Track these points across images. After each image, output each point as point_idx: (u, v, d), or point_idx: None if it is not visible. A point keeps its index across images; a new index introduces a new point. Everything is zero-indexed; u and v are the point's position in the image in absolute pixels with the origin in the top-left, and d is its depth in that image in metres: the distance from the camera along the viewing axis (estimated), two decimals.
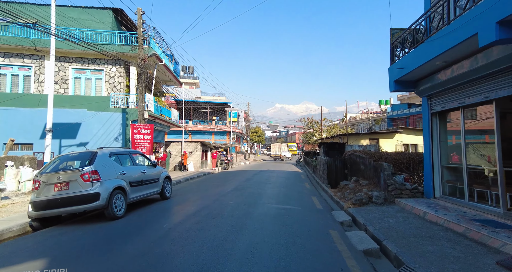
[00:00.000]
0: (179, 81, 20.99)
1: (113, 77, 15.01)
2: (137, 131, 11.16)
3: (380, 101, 62.26)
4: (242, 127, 45.47)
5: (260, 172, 19.36)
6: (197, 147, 22.16)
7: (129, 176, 6.74)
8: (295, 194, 10.05)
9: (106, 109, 14.37)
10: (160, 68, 17.01)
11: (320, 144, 16.76)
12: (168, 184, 8.91)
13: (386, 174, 7.31)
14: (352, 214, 6.46)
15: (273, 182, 13.40)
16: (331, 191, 10.37)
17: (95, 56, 14.58)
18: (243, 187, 11.24)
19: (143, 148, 11.17)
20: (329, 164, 12.55)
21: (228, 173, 19.63)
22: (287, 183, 13.49)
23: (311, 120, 31.37)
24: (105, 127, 14.43)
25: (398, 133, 17.54)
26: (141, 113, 11.29)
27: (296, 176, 17.29)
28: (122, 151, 7.16)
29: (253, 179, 14.35)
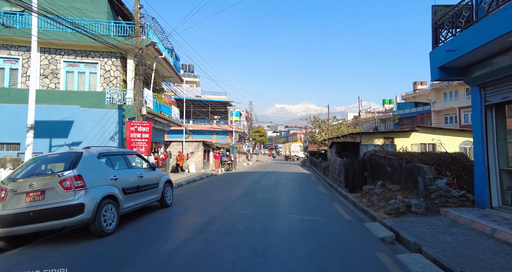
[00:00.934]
0: (180, 77, 19.83)
1: (108, 71, 13.85)
2: (134, 130, 10.00)
3: (384, 101, 61.21)
4: (244, 127, 44.32)
5: (266, 173, 18.19)
6: (199, 147, 21.00)
7: (122, 181, 5.58)
8: (313, 200, 8.89)
9: (101, 106, 13.21)
10: (159, 62, 15.84)
11: (332, 143, 15.61)
12: (169, 189, 7.74)
13: (428, 178, 6.15)
14: (393, 228, 5.30)
15: (284, 185, 12.24)
16: (352, 196, 9.22)
17: (89, 48, 13.42)
18: (253, 191, 10.08)
19: (140, 148, 10.01)
20: (346, 166, 11.41)
21: (232, 174, 18.46)
22: (299, 186, 12.34)
23: (318, 119, 30.18)
24: (100, 125, 13.27)
25: (414, 132, 16.39)
26: (139, 109, 10.13)
27: (306, 178, 16.13)
28: (114, 151, 5.99)
29: (261, 182, 13.19)
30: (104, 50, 13.55)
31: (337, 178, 12.46)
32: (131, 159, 6.71)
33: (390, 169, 8.70)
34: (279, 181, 13.91)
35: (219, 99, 40.32)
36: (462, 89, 31.39)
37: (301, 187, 12.16)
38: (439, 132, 16.47)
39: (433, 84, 34.19)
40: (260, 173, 18.95)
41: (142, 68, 10.03)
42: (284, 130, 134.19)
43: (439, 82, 33.42)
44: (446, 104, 32.27)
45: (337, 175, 12.61)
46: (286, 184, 12.78)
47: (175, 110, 19.58)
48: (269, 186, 11.81)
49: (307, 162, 27.86)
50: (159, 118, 15.62)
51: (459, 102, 30.57)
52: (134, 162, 6.85)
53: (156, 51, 14.14)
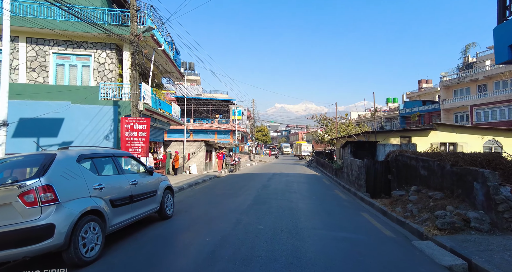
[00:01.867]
0: (181, 73, 18.62)
1: (103, 64, 12.65)
2: (129, 127, 8.81)
3: (388, 99, 60.08)
4: (246, 126, 43.11)
5: (273, 175, 16.99)
6: (201, 147, 19.81)
7: (110, 191, 4.39)
8: (336, 208, 7.69)
9: (94, 102, 12.01)
10: (159, 55, 14.64)
11: (346, 143, 14.42)
12: (170, 197, 6.55)
13: (492, 186, 4.95)
14: (456, 251, 4.11)
15: (297, 189, 11.05)
16: (380, 203, 8.03)
17: (81, 39, 12.21)
18: (265, 197, 8.88)
19: (137, 148, 8.83)
20: (368, 168, 10.21)
21: (237, 176, 17.27)
22: (314, 190, 11.15)
23: (325, 118, 28.91)
24: (94, 123, 12.07)
25: (433, 131, 15.19)
26: (135, 104, 8.93)
27: (318, 181, 14.93)
28: (100, 153, 4.78)
29: (271, 185, 11.99)
30: (98, 41, 12.35)
31: (356, 181, 11.27)
32: (126, 161, 5.52)
33: (425, 172, 7.50)
34: (290, 184, 12.71)
35: (221, 97, 39.13)
36: (474, 86, 30.19)
37: (316, 191, 10.97)
38: (460, 130, 15.28)
39: (442, 81, 32.99)
40: (267, 174, 17.75)
41: (138, 58, 8.84)
42: (285, 130, 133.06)
43: (449, 79, 32.24)
44: (456, 102, 31.05)
45: (355, 178, 11.42)
46: (299, 187, 11.58)
47: (176, 107, 18.38)
48: (281, 190, 10.61)
49: (313, 162, 26.66)
50: (158, 116, 14.43)
51: (471, 100, 29.36)
52: (126, 165, 5.66)
53: (155, 43, 12.93)
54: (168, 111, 16.54)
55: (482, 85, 29.50)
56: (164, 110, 15.87)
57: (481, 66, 30.24)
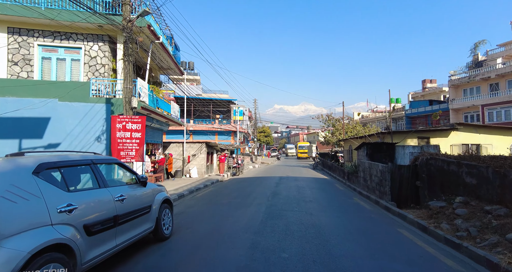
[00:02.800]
0: (180, 70, 17.43)
1: (94, 58, 11.45)
2: (121, 127, 7.59)
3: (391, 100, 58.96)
4: (247, 126, 41.90)
5: (280, 179, 15.76)
6: (202, 149, 18.58)
7: (85, 212, 3.18)
8: (367, 224, 6.47)
9: (84, 100, 10.80)
10: (156, 50, 13.43)
11: (362, 144, 13.22)
12: (168, 212, 5.33)
13: None
14: None
15: (311, 197, 9.83)
16: (414, 216, 6.82)
17: (69, 30, 10.99)
18: (279, 208, 7.66)
19: (130, 151, 7.61)
20: (393, 173, 9.01)
21: (241, 181, 16.04)
22: (331, 198, 9.95)
23: (331, 118, 27.68)
24: (84, 123, 10.85)
25: (454, 131, 14.01)
26: (128, 101, 7.71)
27: (331, 186, 13.71)
28: (73, 160, 3.53)
29: (282, 192, 10.77)
30: (89, 32, 11.16)
31: (377, 187, 10.05)
32: (107, 170, 4.31)
33: (473, 180, 6.30)
34: (302, 190, 11.49)
35: (221, 97, 37.93)
36: (485, 85, 29.07)
37: (333, 199, 9.76)
38: (484, 131, 14.09)
39: (451, 80, 31.87)
40: (273, 178, 16.52)
41: (132, 47, 7.62)
42: (285, 131, 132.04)
43: (459, 78, 31.11)
44: (466, 102, 29.92)
45: (376, 184, 10.21)
46: (313, 195, 10.37)
47: (175, 107, 17.18)
48: (294, 198, 9.38)
49: (319, 164, 25.43)
50: (156, 115, 13.22)
51: (482, 99, 28.25)
52: (111, 175, 4.44)
53: (152, 34, 11.74)
54: (166, 111, 15.34)
55: (494, 84, 28.39)
56: (163, 110, 14.67)
57: (492, 64, 29.13)
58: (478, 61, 32.33)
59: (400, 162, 12.25)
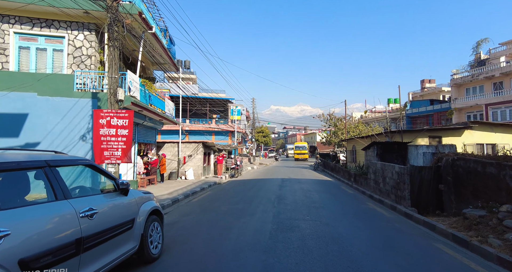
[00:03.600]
0: (175, 65, 16.37)
1: (79, 48, 10.35)
2: (104, 123, 6.53)
3: (389, 100, 58.67)
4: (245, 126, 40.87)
5: (283, 182, 14.75)
6: (198, 149, 17.51)
7: (24, 241, 2.13)
8: (395, 236, 5.48)
9: (68, 94, 9.71)
10: (149, 41, 12.36)
11: (371, 144, 12.29)
12: (157, 226, 4.29)
13: None
14: None
15: (321, 202, 8.84)
16: (445, 225, 5.88)
17: (51, 16, 9.91)
18: (288, 216, 6.66)
19: (115, 151, 6.55)
20: (412, 175, 8.07)
21: (241, 183, 15.00)
22: (343, 204, 8.96)
23: (333, 117, 26.74)
24: (67, 120, 9.75)
25: (468, 130, 13.16)
26: (113, 92, 6.65)
27: (338, 189, 12.75)
28: (12, 162, 2.45)
29: (287, 197, 9.76)
30: (73, 19, 10.05)
31: (392, 191, 9.10)
32: (74, 175, 3.26)
33: None
34: (308, 194, 10.49)
35: (218, 96, 36.87)
36: (488, 83, 28.44)
37: (345, 205, 8.78)
38: (501, 129, 13.27)
39: (453, 79, 31.23)
40: (275, 181, 15.50)
41: (119, 31, 6.57)
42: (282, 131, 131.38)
43: (462, 77, 30.49)
44: (470, 101, 29.26)
45: (391, 187, 9.25)
46: (322, 199, 9.38)
47: (170, 104, 16.11)
48: (302, 204, 8.38)
49: (320, 165, 24.51)
50: (148, 112, 12.15)
51: (486, 98, 27.61)
52: (80, 181, 3.40)
53: (143, 23, 10.69)
54: (160, 108, 14.27)
55: (498, 83, 27.77)
56: (156, 107, 13.61)
57: (496, 63, 28.54)
58: (480, 60, 31.75)
59: (413, 162, 11.34)
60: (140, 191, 4.31)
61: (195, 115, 36.40)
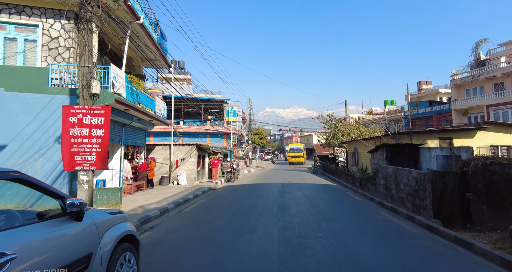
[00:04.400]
0: (167, 61, 15.24)
1: (56, 39, 9.18)
2: (75, 121, 5.40)
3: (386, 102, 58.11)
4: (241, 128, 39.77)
5: (283, 187, 13.68)
6: (192, 152, 16.36)
7: None
8: (434, 262, 4.44)
9: (41, 90, 8.54)
10: (137, 34, 11.23)
11: (380, 146, 11.33)
12: (130, 257, 3.17)
13: None
14: None
15: (329, 212, 7.79)
16: (486, 244, 4.87)
17: (22, 2, 8.74)
18: (297, 233, 5.59)
19: (88, 155, 5.42)
20: (434, 182, 7.08)
21: (238, 189, 13.89)
22: (355, 214, 7.92)
23: (333, 118, 25.75)
24: (40, 119, 8.56)
25: (481, 131, 12.32)
26: (86, 85, 5.53)
27: (343, 195, 11.73)
28: None
29: (292, 206, 8.68)
30: (48, 6, 8.91)
31: (409, 199, 8.10)
32: None
33: None
34: (313, 202, 9.43)
35: (213, 97, 35.75)
36: (489, 84, 27.91)
37: (357, 215, 7.74)
38: None
39: (453, 79, 30.69)
40: (274, 186, 14.42)
41: (93, 11, 5.46)
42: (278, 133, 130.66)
43: (462, 78, 29.95)
44: (470, 102, 28.65)
45: (406, 195, 8.25)
46: (330, 209, 8.32)
47: (161, 103, 14.96)
48: (309, 215, 7.31)
49: (319, 169, 23.51)
50: (136, 111, 10.99)
51: (487, 99, 27.04)
52: None
53: (129, 12, 9.58)
54: (150, 107, 13.11)
55: (499, 84, 27.24)
56: (145, 106, 12.45)
57: (496, 64, 28.06)
58: (480, 60, 31.30)
59: (425, 166, 10.40)
60: (106, 210, 3.20)
61: (189, 117, 35.21)
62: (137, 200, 10.30)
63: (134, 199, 10.41)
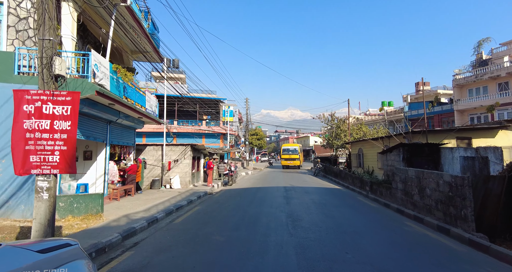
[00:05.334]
0: (159, 54, 13.95)
1: (24, 19, 7.86)
2: (32, 110, 4.12)
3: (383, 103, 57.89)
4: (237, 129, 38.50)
5: (287, 191, 12.46)
6: (186, 153, 15.05)
7: None
8: None
9: (6, 79, 7.25)
10: (126, 20, 9.93)
11: (396, 146, 10.21)
12: None
13: None
14: None
15: (349, 225, 6.60)
16: None
17: None
18: (318, 255, 4.38)
19: (49, 154, 4.14)
20: (476, 187, 5.95)
21: (236, 193, 12.62)
22: (377, 226, 6.74)
23: (335, 117, 24.60)
24: (4, 113, 7.25)
25: (503, 130, 11.34)
26: (46, 64, 4.26)
27: (354, 201, 10.56)
28: None
29: (301, 215, 7.46)
30: None
31: (438, 207, 6.95)
32: None
33: None
34: (325, 210, 8.23)
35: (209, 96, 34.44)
36: (493, 84, 27.23)
37: (381, 227, 6.57)
38: None
39: (456, 79, 29.99)
40: (277, 189, 13.20)
41: None
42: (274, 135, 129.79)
43: (464, 77, 29.25)
44: (473, 102, 27.95)
45: (435, 202, 7.11)
46: (349, 220, 7.13)
47: (152, 100, 13.65)
48: (326, 227, 6.11)
49: (321, 171, 22.35)
50: (123, 107, 9.68)
51: (491, 99, 26.30)
52: None
53: None
54: (140, 104, 11.80)
55: (503, 83, 26.56)
56: (134, 101, 11.14)
57: (499, 63, 27.43)
58: (482, 60, 30.68)
59: (448, 169, 9.31)
60: (35, 246, 1.93)
61: (184, 117, 33.85)
62: (123, 207, 8.97)
63: (120, 206, 9.08)
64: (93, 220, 7.14)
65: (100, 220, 7.14)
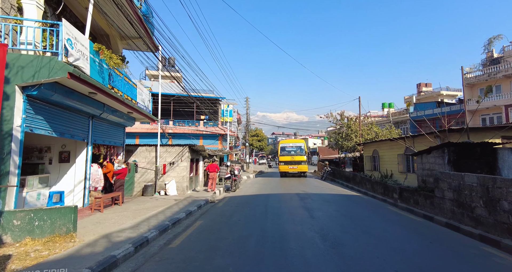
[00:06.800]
0: (153, 41, 12.15)
1: None
2: None
3: (383, 104, 56.79)
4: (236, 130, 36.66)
5: (301, 199, 10.66)
6: (183, 154, 13.18)
7: None
8: None
9: None
10: None
11: (438, 146, 8.51)
12: None
13: None
14: None
15: (411, 252, 4.85)
16: None
17: None
18: None
19: None
20: None
21: (243, 202, 10.79)
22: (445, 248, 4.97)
23: (344, 116, 22.87)
24: None
25: None
26: None
27: (386, 211, 8.80)
28: None
29: (340, 237, 5.68)
30: None
31: None
32: None
33: None
34: (364, 226, 6.47)
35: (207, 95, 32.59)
36: (507, 83, 25.94)
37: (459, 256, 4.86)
38: None
39: (467, 78, 28.66)
40: (289, 197, 11.40)
41: None
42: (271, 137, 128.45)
43: (476, 76, 27.95)
44: (486, 102, 26.58)
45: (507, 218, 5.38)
46: (403, 242, 5.39)
47: (145, 93, 11.82)
48: (387, 261, 4.33)
49: (329, 175, 20.57)
50: (108, 97, 7.83)
51: (505, 99, 25.02)
52: None
53: None
54: (130, 96, 9.97)
55: None
56: (122, 92, 9.30)
57: (511, 61, 26.19)
58: (493, 58, 29.46)
59: (508, 173, 7.64)
60: None
61: (180, 116, 31.94)
62: (106, 221, 7.11)
63: (102, 220, 7.20)
64: (60, 243, 5.28)
65: (70, 243, 5.28)
